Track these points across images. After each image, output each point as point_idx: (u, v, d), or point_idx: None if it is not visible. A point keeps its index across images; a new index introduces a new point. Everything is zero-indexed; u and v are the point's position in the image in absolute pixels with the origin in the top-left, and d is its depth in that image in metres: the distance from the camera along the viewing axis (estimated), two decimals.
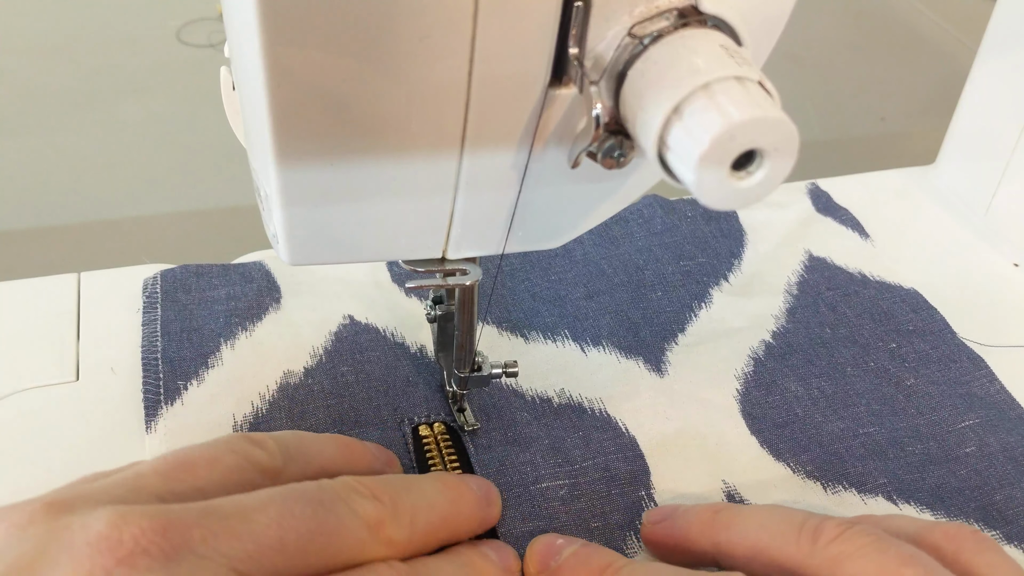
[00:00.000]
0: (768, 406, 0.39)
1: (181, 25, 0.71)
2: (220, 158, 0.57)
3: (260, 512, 0.25)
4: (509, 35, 0.22)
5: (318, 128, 0.23)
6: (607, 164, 0.23)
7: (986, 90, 0.50)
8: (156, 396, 0.37)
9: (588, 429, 0.37)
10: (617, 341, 0.42)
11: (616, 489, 0.35)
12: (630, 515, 0.34)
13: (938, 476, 0.37)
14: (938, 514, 0.36)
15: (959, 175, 0.52)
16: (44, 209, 0.53)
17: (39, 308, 0.41)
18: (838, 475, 0.37)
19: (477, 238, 0.28)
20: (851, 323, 0.43)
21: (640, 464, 0.36)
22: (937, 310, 0.44)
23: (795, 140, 0.20)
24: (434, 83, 0.22)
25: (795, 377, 0.41)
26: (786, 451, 0.37)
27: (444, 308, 0.36)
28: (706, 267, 0.46)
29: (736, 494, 0.35)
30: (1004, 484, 0.37)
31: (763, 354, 0.42)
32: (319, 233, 0.26)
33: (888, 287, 0.46)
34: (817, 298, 0.45)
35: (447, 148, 0.24)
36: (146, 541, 0.22)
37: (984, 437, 0.39)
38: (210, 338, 0.39)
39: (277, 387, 0.38)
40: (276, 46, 0.21)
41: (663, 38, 0.21)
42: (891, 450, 0.38)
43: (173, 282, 0.42)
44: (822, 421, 0.39)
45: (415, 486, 0.29)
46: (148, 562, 0.22)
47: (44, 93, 0.63)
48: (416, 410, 0.37)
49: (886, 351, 0.42)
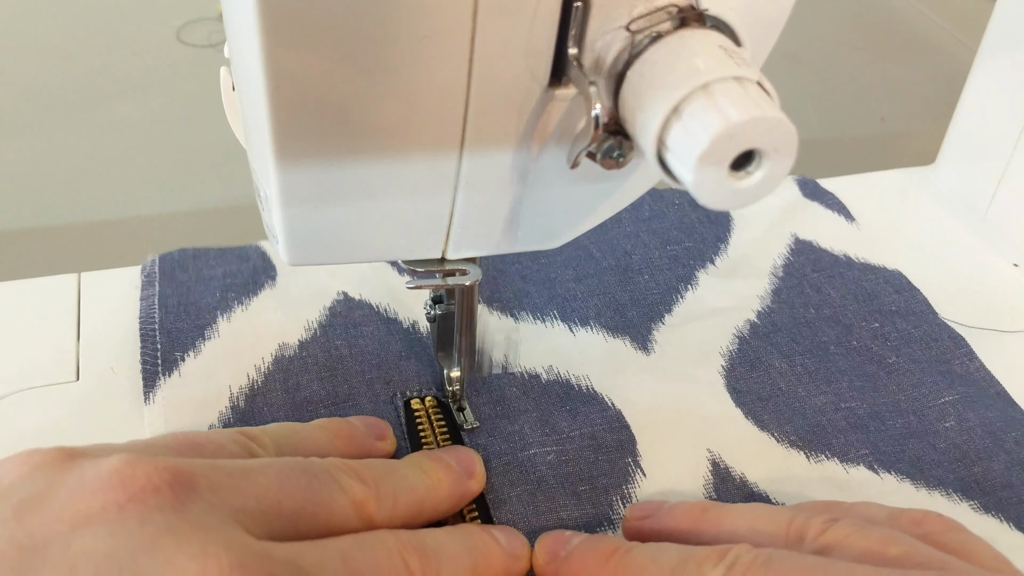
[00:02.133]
0: (752, 381, 0.40)
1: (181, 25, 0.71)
2: (220, 158, 0.57)
3: (261, 474, 0.26)
4: (508, 35, 0.22)
5: (318, 128, 0.23)
6: (606, 164, 0.23)
7: (986, 90, 0.50)
8: (154, 367, 0.38)
9: (575, 403, 0.38)
10: (605, 322, 0.42)
11: (603, 456, 0.36)
12: (617, 479, 0.35)
13: (918, 448, 0.38)
14: (917, 483, 0.36)
15: (959, 175, 0.52)
16: (44, 209, 0.53)
17: (39, 308, 0.41)
18: (821, 445, 0.38)
19: (477, 238, 0.28)
20: (835, 304, 0.44)
21: (626, 434, 0.37)
22: (919, 291, 0.46)
23: (794, 140, 0.20)
24: (434, 83, 0.22)
25: (779, 354, 0.42)
26: (770, 422, 0.38)
27: (444, 308, 0.36)
28: (693, 251, 0.47)
29: (721, 462, 0.36)
30: (982, 457, 0.38)
31: (748, 333, 0.43)
32: (319, 233, 0.26)
33: (872, 268, 0.47)
34: (802, 280, 0.46)
35: (447, 148, 0.24)
36: (157, 480, 0.23)
37: (963, 412, 0.40)
38: (207, 311, 0.40)
39: (272, 359, 0.38)
40: (276, 47, 0.21)
41: (662, 38, 0.22)
42: (872, 423, 0.39)
43: (171, 263, 0.43)
44: (805, 395, 0.40)
45: (397, 470, 0.30)
46: (159, 500, 0.23)
47: (44, 93, 0.63)
48: (408, 384, 0.38)
49: (869, 331, 0.43)
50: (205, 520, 0.23)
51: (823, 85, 0.71)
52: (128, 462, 0.23)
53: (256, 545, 0.23)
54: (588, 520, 0.34)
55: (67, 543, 0.22)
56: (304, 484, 0.27)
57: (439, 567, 0.27)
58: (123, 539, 0.22)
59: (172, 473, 0.24)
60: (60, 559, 0.21)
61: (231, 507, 0.24)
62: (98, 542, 0.22)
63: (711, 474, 0.36)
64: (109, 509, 0.22)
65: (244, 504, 0.25)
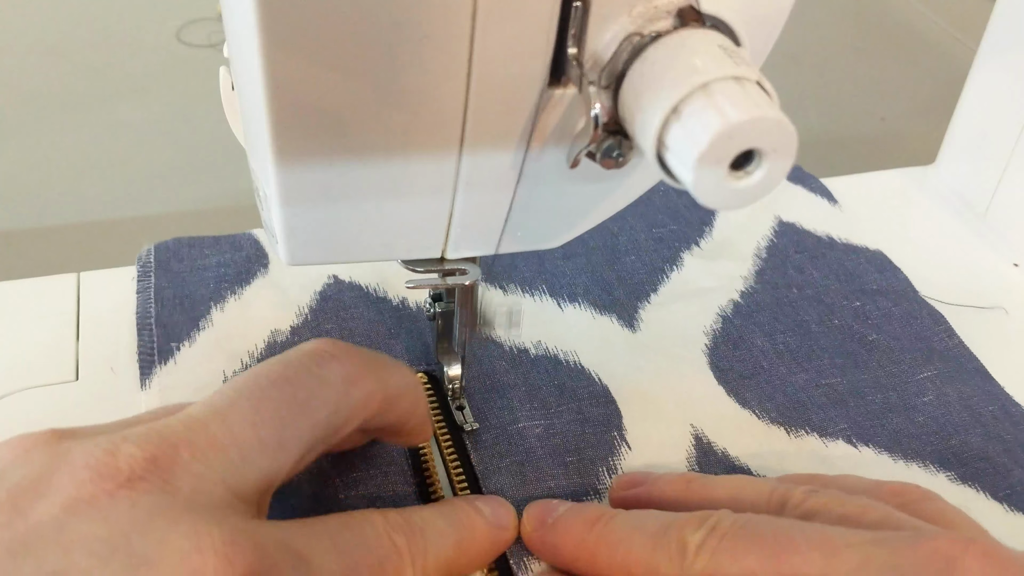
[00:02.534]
0: (735, 359, 0.41)
1: (181, 25, 0.71)
2: (220, 158, 0.57)
3: (232, 410, 0.26)
4: (508, 35, 0.22)
5: (317, 128, 0.23)
6: (606, 164, 0.23)
7: (986, 90, 0.50)
8: (150, 357, 0.38)
9: (563, 378, 0.39)
10: (592, 299, 0.44)
11: (589, 429, 0.37)
12: (603, 451, 0.36)
13: (896, 423, 0.39)
14: (895, 456, 0.37)
15: (959, 175, 0.52)
16: (44, 209, 0.53)
17: (39, 308, 0.41)
18: (801, 421, 0.39)
19: (476, 238, 0.28)
20: (817, 284, 0.45)
21: (612, 408, 0.38)
22: (900, 270, 0.47)
23: (794, 140, 0.20)
24: (433, 83, 0.22)
25: (761, 333, 0.43)
26: (752, 399, 0.39)
27: (444, 307, 0.36)
28: (678, 234, 0.48)
29: (703, 436, 0.37)
30: (959, 430, 0.39)
31: (731, 312, 0.44)
32: (318, 233, 0.26)
33: (854, 249, 0.48)
34: (785, 261, 0.47)
35: (446, 148, 0.24)
36: (141, 469, 0.23)
37: (942, 387, 0.40)
38: (201, 303, 0.41)
39: (265, 345, 0.39)
40: (275, 47, 0.21)
41: (662, 38, 0.21)
42: (852, 399, 0.40)
43: (166, 252, 0.43)
44: (786, 373, 0.41)
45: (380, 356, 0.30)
46: (146, 485, 0.23)
47: (44, 93, 0.63)
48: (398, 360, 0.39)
49: (850, 309, 0.44)
50: (195, 497, 0.24)
51: (823, 85, 0.71)
52: (110, 451, 0.24)
53: (245, 523, 0.24)
54: (575, 490, 0.35)
55: (61, 527, 0.22)
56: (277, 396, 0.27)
57: (425, 544, 0.28)
58: (115, 523, 0.22)
59: (153, 453, 0.24)
60: (55, 542, 0.22)
61: (220, 473, 0.24)
62: (92, 526, 0.22)
63: (694, 448, 0.37)
64: (99, 497, 0.23)
65: (228, 459, 0.25)
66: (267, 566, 0.23)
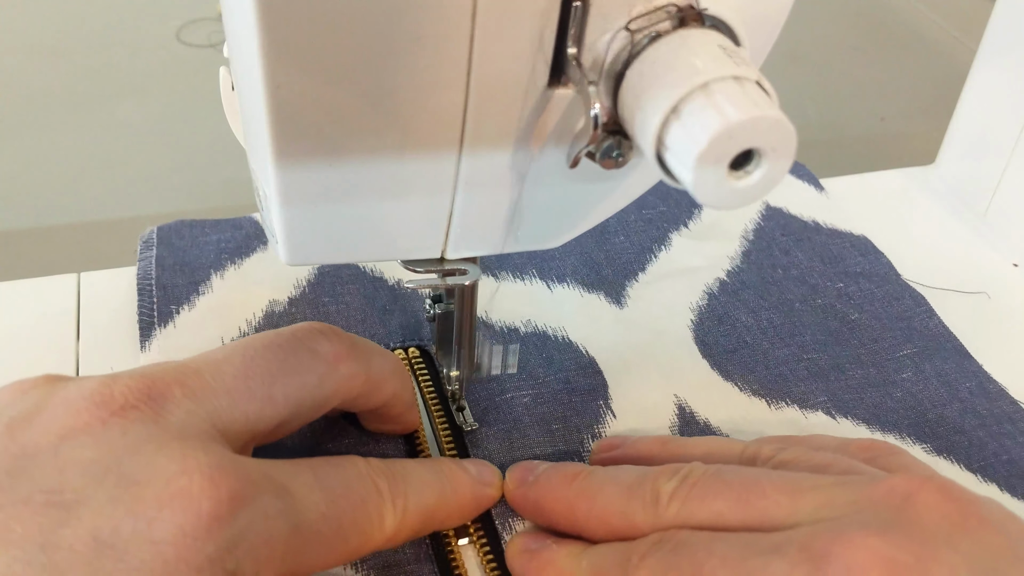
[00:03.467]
0: (719, 334, 0.42)
1: (181, 25, 0.71)
2: (220, 158, 0.57)
3: (227, 363, 0.27)
4: (507, 35, 0.22)
5: (317, 128, 0.23)
6: (606, 164, 0.23)
7: (986, 90, 0.50)
8: (150, 318, 0.40)
9: (551, 351, 0.40)
10: (580, 279, 0.45)
11: (576, 398, 0.38)
12: (588, 419, 0.37)
13: (875, 397, 0.40)
14: (873, 428, 0.39)
15: (959, 175, 0.52)
16: (44, 209, 0.53)
17: (39, 308, 0.41)
18: (781, 393, 0.40)
19: (476, 238, 0.28)
20: (802, 265, 0.47)
21: (599, 379, 0.39)
22: (884, 254, 0.48)
23: (793, 140, 0.20)
24: (432, 83, 0.22)
25: (746, 310, 0.44)
26: (734, 372, 0.41)
27: (444, 307, 0.36)
28: (667, 215, 0.49)
29: (686, 406, 0.39)
30: (936, 405, 0.40)
31: (717, 290, 0.45)
32: (318, 233, 0.26)
33: (839, 234, 0.49)
34: (771, 242, 0.48)
35: (446, 148, 0.24)
36: (134, 398, 0.25)
37: (920, 364, 0.42)
38: (201, 270, 0.42)
39: (263, 314, 0.40)
40: (275, 47, 0.21)
41: (661, 38, 0.21)
42: (832, 373, 0.41)
43: (168, 231, 0.44)
44: (769, 348, 0.42)
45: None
46: (138, 415, 0.25)
47: (44, 93, 0.63)
48: (392, 336, 0.40)
49: (834, 290, 0.45)
50: (184, 428, 0.25)
51: (823, 85, 0.71)
52: (106, 383, 0.25)
53: (233, 455, 0.25)
54: (560, 455, 0.36)
55: (55, 451, 0.23)
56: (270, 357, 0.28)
57: (407, 489, 0.29)
58: (107, 447, 0.24)
59: (147, 387, 0.25)
60: (50, 464, 0.23)
61: (206, 410, 0.26)
62: (85, 450, 0.23)
63: (677, 417, 0.38)
64: (93, 424, 0.24)
65: (218, 403, 0.26)
66: (251, 491, 0.24)
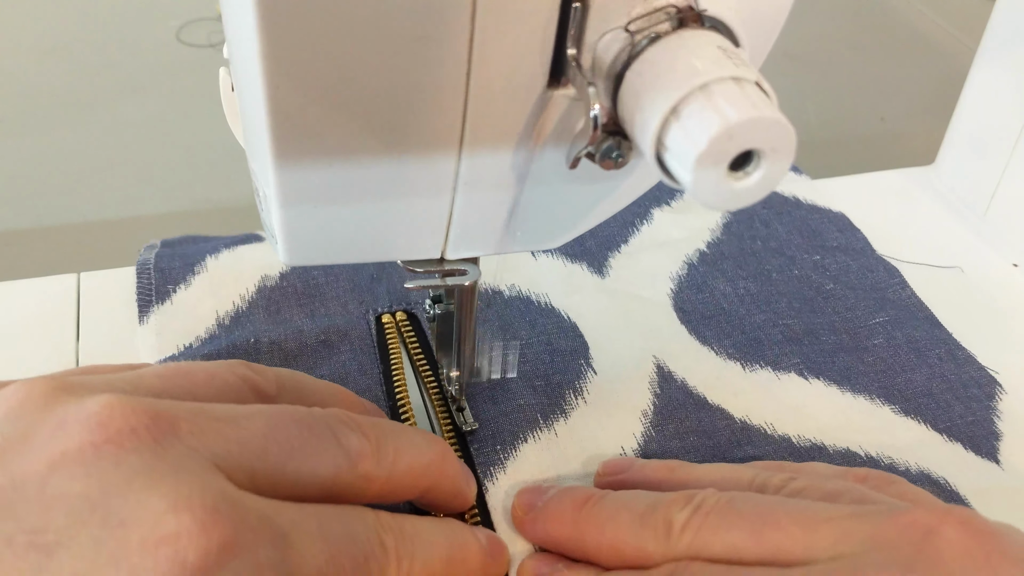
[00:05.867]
0: (698, 302, 0.44)
1: (181, 25, 0.71)
2: (220, 158, 0.57)
3: (248, 420, 0.25)
4: (507, 36, 0.22)
5: (316, 129, 0.23)
6: (605, 165, 0.23)
7: (986, 90, 0.50)
8: (148, 297, 0.41)
9: (534, 315, 0.42)
10: (564, 249, 0.46)
11: (558, 358, 0.40)
12: (570, 376, 0.39)
13: (847, 361, 0.41)
14: (844, 389, 0.40)
15: (959, 175, 0.52)
16: (44, 209, 0.53)
17: (39, 308, 0.41)
18: (756, 356, 0.41)
19: (476, 239, 0.28)
20: (781, 238, 0.48)
21: (580, 342, 0.41)
22: (860, 231, 0.49)
23: (792, 140, 0.20)
24: (432, 84, 0.22)
25: (724, 279, 0.45)
26: (711, 337, 0.42)
27: (444, 307, 0.36)
28: (649, 194, 0.50)
29: (664, 366, 0.40)
30: (906, 369, 0.41)
31: (697, 260, 0.46)
32: (317, 233, 0.26)
33: (818, 209, 0.50)
34: (752, 216, 0.49)
35: (446, 149, 0.24)
36: (135, 422, 0.23)
37: (892, 332, 0.43)
38: (196, 254, 0.44)
39: (256, 289, 0.42)
40: (274, 47, 0.21)
41: (661, 39, 0.21)
42: (806, 338, 0.42)
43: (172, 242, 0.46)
44: (745, 314, 0.43)
45: (403, 433, 0.29)
46: (135, 442, 0.23)
47: (44, 93, 0.63)
48: (379, 302, 0.42)
49: (811, 262, 0.47)
50: (182, 463, 0.23)
51: (823, 85, 0.71)
52: (108, 404, 0.23)
53: (233, 492, 0.23)
54: (543, 408, 0.37)
55: (43, 483, 0.22)
56: (294, 432, 0.26)
57: (414, 550, 0.27)
58: (97, 480, 0.22)
59: (151, 415, 0.23)
60: (35, 499, 0.22)
61: (212, 452, 0.24)
62: (73, 483, 0.22)
63: (656, 375, 0.40)
64: (86, 450, 0.22)
65: (227, 449, 0.24)
66: (244, 540, 0.22)
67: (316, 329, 0.40)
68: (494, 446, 0.36)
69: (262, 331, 0.40)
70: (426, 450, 0.29)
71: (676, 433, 0.37)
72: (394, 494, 0.29)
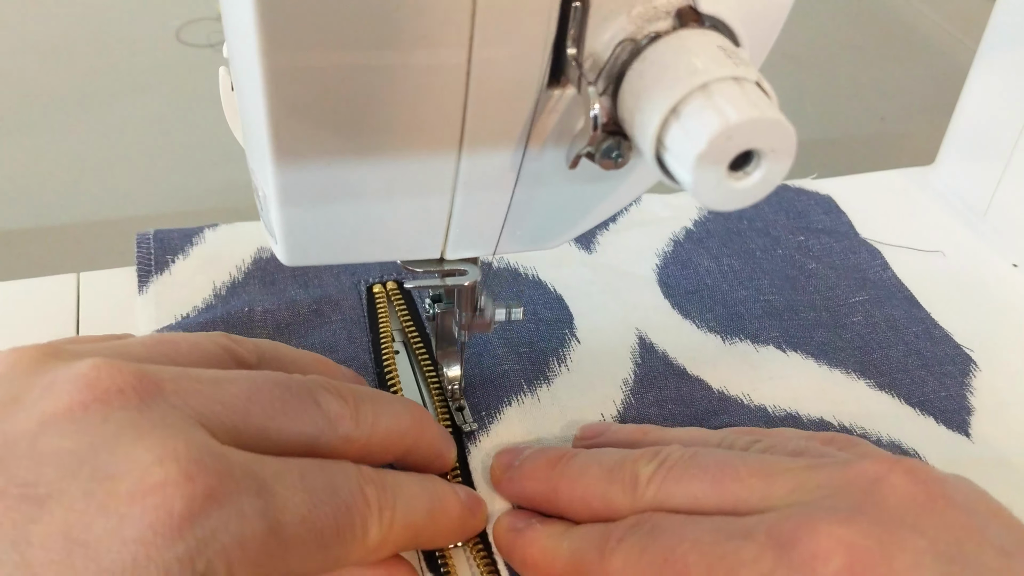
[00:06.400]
0: (682, 277, 0.45)
1: (181, 25, 0.71)
2: (220, 158, 0.57)
3: (231, 383, 0.26)
4: (507, 35, 0.22)
5: (316, 128, 0.23)
6: (605, 165, 0.23)
7: (986, 90, 0.50)
8: (147, 268, 0.43)
9: (520, 286, 0.43)
10: None
11: (543, 327, 0.41)
12: (554, 344, 0.40)
13: (825, 336, 0.42)
14: (821, 363, 0.41)
15: (959, 175, 0.52)
16: (44, 209, 0.53)
17: (39, 308, 0.41)
18: (736, 329, 0.42)
19: (475, 239, 0.28)
20: (767, 218, 0.49)
21: (565, 313, 0.42)
22: (845, 214, 0.50)
23: (792, 140, 0.20)
24: (432, 83, 0.22)
25: (709, 256, 0.46)
26: (693, 311, 0.43)
27: (443, 307, 0.36)
28: None
29: (646, 338, 0.41)
30: (883, 346, 0.42)
31: (683, 238, 0.47)
32: (317, 233, 0.26)
33: (804, 192, 0.52)
34: None
35: (445, 148, 0.24)
36: (121, 382, 0.24)
37: (871, 310, 0.44)
38: (195, 229, 0.45)
39: (251, 260, 0.43)
40: (274, 47, 0.21)
41: (661, 38, 0.21)
42: (786, 314, 0.43)
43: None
44: (728, 290, 0.44)
45: (381, 397, 0.30)
46: (122, 401, 0.24)
47: (44, 93, 0.63)
48: (371, 273, 0.43)
49: (795, 243, 0.48)
50: (167, 419, 0.24)
51: (823, 85, 0.71)
52: (95, 366, 0.24)
53: (216, 446, 0.24)
54: (527, 375, 0.39)
55: (34, 440, 0.23)
56: (276, 394, 0.27)
57: (395, 502, 0.28)
58: (86, 436, 0.23)
59: (137, 376, 0.24)
60: (27, 455, 0.22)
61: (196, 411, 0.25)
62: (63, 439, 0.23)
63: (638, 346, 0.41)
64: (75, 409, 0.23)
65: (210, 409, 0.25)
66: (228, 488, 0.23)
67: (308, 299, 0.41)
68: (479, 411, 0.37)
69: (256, 301, 0.41)
70: (404, 414, 0.30)
71: (655, 401, 0.38)
72: (374, 456, 0.29)
